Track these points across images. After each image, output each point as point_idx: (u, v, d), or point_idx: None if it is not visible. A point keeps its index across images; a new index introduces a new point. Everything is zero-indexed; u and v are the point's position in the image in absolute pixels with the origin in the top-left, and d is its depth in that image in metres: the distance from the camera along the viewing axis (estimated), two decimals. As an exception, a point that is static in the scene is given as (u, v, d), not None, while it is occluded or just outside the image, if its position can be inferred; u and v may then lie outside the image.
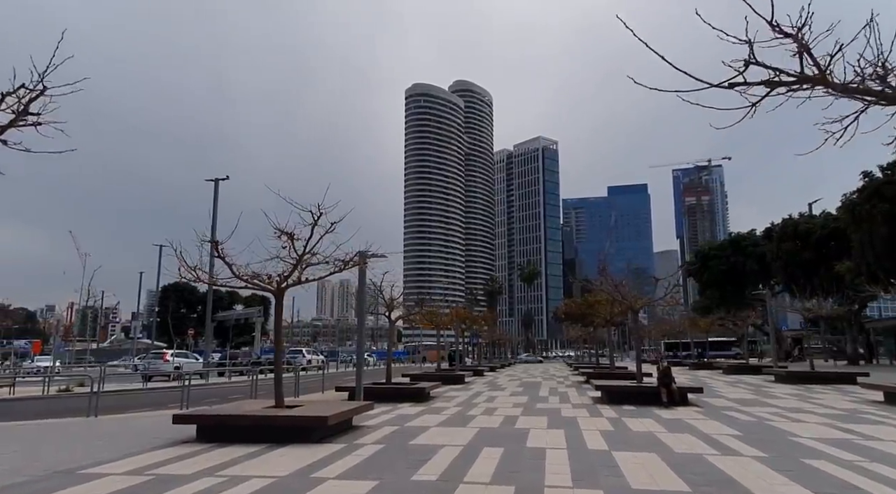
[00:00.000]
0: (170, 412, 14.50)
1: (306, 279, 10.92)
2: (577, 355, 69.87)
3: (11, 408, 17.13)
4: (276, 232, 9.85)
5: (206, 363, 31.00)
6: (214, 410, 9.75)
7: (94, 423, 12.02)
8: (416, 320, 22.55)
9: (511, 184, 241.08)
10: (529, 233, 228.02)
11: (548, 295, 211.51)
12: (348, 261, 10.99)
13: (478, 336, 39.78)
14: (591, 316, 24.64)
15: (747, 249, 52.30)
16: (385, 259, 14.92)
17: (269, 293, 10.82)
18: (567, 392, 19.22)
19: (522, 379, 26.83)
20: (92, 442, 9.40)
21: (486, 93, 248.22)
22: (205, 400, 18.44)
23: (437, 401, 16.00)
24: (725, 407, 14.28)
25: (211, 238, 13.44)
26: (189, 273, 10.22)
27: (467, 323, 28.28)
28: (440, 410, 13.77)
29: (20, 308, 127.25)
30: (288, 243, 10.07)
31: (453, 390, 20.13)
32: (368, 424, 11.24)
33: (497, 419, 12.07)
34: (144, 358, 32.58)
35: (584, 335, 42.23)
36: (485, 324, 32.98)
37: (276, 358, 10.84)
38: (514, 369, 41.71)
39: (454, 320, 24.84)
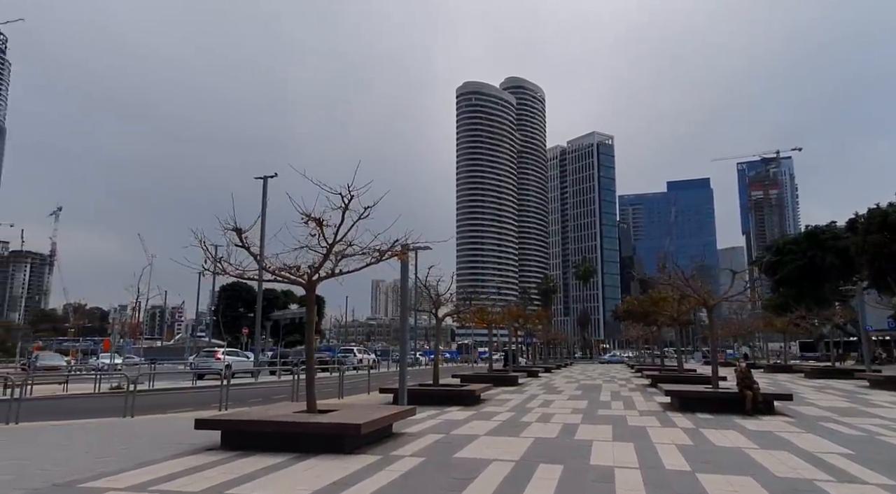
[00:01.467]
0: (207, 413, 13.91)
1: (340, 271, 9.93)
2: (636, 356, 66.92)
3: (55, 406, 17.04)
4: (304, 217, 8.88)
5: (256, 361, 30.85)
6: (237, 415, 8.90)
7: (124, 425, 11.44)
8: (467, 318, 21.39)
9: (565, 180, 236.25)
10: (584, 231, 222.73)
11: (604, 294, 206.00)
12: (385, 252, 9.91)
13: (532, 335, 38.28)
14: (654, 314, 22.80)
15: (826, 243, 48.32)
16: (430, 250, 13.81)
17: (300, 286, 9.90)
18: (631, 396, 17.59)
19: (580, 381, 25.22)
20: (109, 448, 8.69)
21: (538, 90, 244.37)
22: (249, 400, 17.90)
23: (487, 405, 14.78)
24: (820, 418, 12.39)
25: (261, 238, 12.71)
26: (216, 265, 9.40)
27: (520, 321, 26.88)
28: (491, 415, 12.54)
29: (95, 307, 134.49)
30: (317, 230, 9.08)
31: (506, 392, 18.85)
32: (410, 431, 10.15)
33: (554, 427, 10.73)
34: (198, 357, 32.84)
35: (645, 334, 39.94)
36: (539, 323, 31.48)
37: (308, 357, 9.90)
38: (570, 370, 39.91)
39: (506, 318, 23.53)
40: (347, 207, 8.87)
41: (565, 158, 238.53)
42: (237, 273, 9.83)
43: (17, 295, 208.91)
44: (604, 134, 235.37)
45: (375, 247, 9.81)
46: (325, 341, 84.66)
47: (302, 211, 8.86)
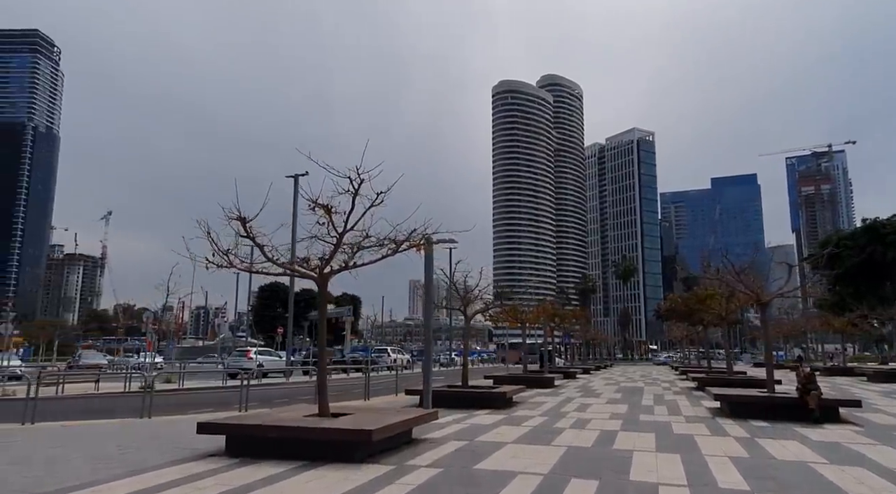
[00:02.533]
0: (223, 413, 13.42)
1: (354, 264, 9.20)
2: (681, 357, 64.44)
3: (79, 405, 16.89)
4: (310, 204, 8.17)
5: (288, 361, 30.62)
6: (241, 418, 8.27)
7: (137, 427, 10.99)
8: (499, 316, 20.45)
9: (604, 178, 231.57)
10: (624, 230, 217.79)
11: (645, 294, 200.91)
12: (402, 243, 9.13)
13: (570, 335, 37.02)
14: (700, 312, 21.34)
15: (887, 237, 45.25)
16: (457, 245, 12.99)
17: (311, 280, 9.21)
18: (676, 400, 16.34)
19: (621, 384, 23.94)
20: (109, 452, 8.17)
21: (575, 87, 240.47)
22: (274, 401, 17.44)
23: (519, 409, 13.84)
24: (895, 427, 11.01)
25: (293, 241, 12.15)
26: (221, 258, 8.78)
27: (556, 320, 25.75)
28: (521, 420, 11.62)
29: (142, 308, 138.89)
30: (325, 218, 8.37)
31: (540, 395, 17.86)
32: (432, 437, 9.34)
33: (590, 435, 9.74)
34: (231, 356, 32.88)
35: (690, 334, 38.13)
36: (576, 323, 30.17)
37: (320, 358, 9.20)
38: (610, 371, 38.44)
39: (541, 316, 22.47)
40: (357, 192, 8.13)
41: (604, 156, 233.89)
42: (245, 266, 9.21)
43: (71, 297, 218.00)
44: (644, 130, 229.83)
45: (391, 238, 9.04)
46: (363, 341, 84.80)
47: (308, 197, 8.16)
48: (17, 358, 33.40)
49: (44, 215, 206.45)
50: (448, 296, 16.25)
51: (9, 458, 7.71)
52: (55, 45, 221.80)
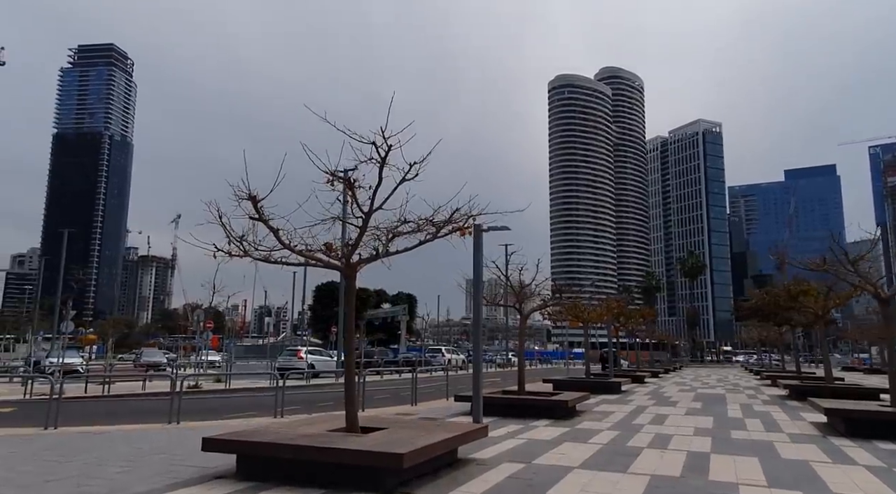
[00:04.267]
0: (258, 420, 12.33)
1: (386, 250, 7.77)
2: (755, 360, 60.07)
3: (112, 407, 16.33)
4: (328, 176, 6.79)
5: (338, 361, 29.76)
6: (251, 434, 6.99)
7: (153, 435, 9.99)
8: (559, 315, 18.65)
9: (667, 172, 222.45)
10: (689, 225, 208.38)
11: (713, 293, 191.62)
12: (443, 225, 7.63)
13: (634, 335, 34.55)
14: (790, 311, 18.73)
15: None
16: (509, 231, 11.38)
17: (336, 270, 7.85)
18: (769, 412, 14.09)
19: (697, 390, 21.58)
20: (106, 470, 7.06)
21: (635, 79, 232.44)
22: (318, 404, 16.35)
23: (583, 420, 12.08)
24: None
25: (342, 241, 10.71)
26: (235, 245, 7.53)
27: (622, 319, 23.62)
28: (588, 435, 9.89)
29: (209, 307, 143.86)
30: (348, 194, 6.97)
31: (606, 402, 15.96)
32: (481, 457, 7.81)
33: (676, 458, 7.93)
34: (282, 356, 32.42)
35: (771, 336, 34.81)
36: (643, 322, 27.84)
37: (347, 362, 7.83)
38: (680, 374, 35.66)
39: (605, 315, 20.48)
40: (385, 161, 6.68)
41: (667, 149, 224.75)
42: (262, 255, 7.91)
43: (145, 297, 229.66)
44: (710, 121, 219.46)
45: (430, 219, 7.55)
46: (419, 341, 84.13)
47: (326, 168, 6.77)
48: (77, 354, 34.22)
49: (119, 219, 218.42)
50: (503, 292, 14.61)
51: (-9, 475, 6.71)
52: (128, 57, 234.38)
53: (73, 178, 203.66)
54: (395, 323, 60.20)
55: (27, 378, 18.37)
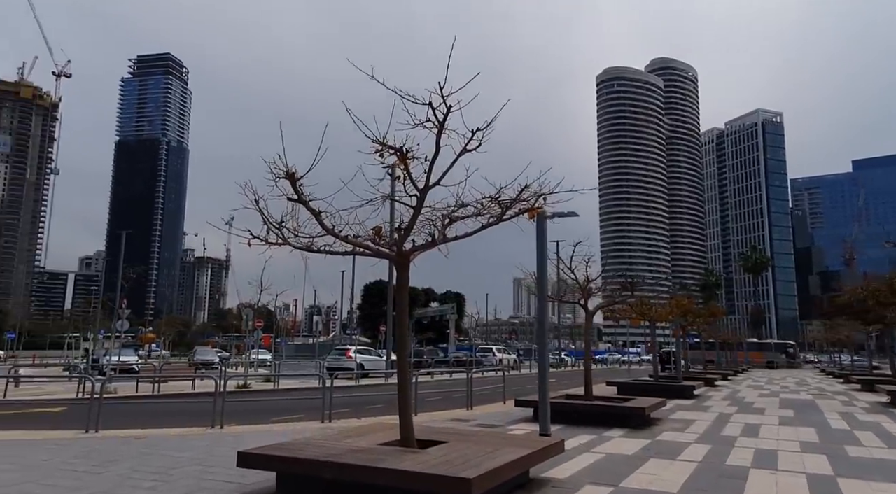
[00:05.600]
0: (310, 424, 11.55)
1: (443, 236, 6.72)
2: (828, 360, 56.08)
3: (161, 407, 15.89)
4: (377, 146, 5.79)
5: (388, 361, 29.03)
6: (291, 449, 6.07)
7: (192, 441, 9.28)
8: (624, 312, 17.22)
9: (723, 165, 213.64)
10: (748, 220, 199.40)
11: (776, 290, 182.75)
12: (511, 204, 6.53)
13: (698, 335, 32.45)
14: (891, 306, 16.63)
15: None
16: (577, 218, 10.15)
17: (387, 259, 6.86)
18: (878, 422, 12.31)
19: (780, 395, 19.65)
20: (134, 485, 6.29)
21: (688, 69, 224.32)
22: (367, 407, 15.52)
23: (663, 429, 10.72)
24: None
25: (390, 226, 9.84)
26: (274, 232, 6.63)
27: (689, 317, 21.90)
28: (674, 450, 8.57)
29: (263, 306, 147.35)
30: (400, 168, 5.95)
31: (682, 408, 14.46)
32: (556, 476, 6.67)
33: (794, 482, 6.56)
34: (331, 355, 31.97)
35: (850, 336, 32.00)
36: (712, 320, 25.87)
37: (400, 364, 6.82)
38: (751, 377, 33.30)
39: (674, 313, 18.88)
40: (443, 126, 5.61)
41: (723, 141, 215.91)
42: (303, 243, 6.97)
43: (201, 297, 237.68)
44: (770, 111, 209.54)
45: (496, 197, 6.46)
46: (467, 340, 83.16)
47: (374, 137, 5.76)
48: (133, 353, 34.85)
49: (177, 222, 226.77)
50: (562, 288, 13.34)
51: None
52: (183, 65, 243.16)
53: (134, 184, 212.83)
54: (444, 322, 59.39)
55: (79, 377, 18.29)
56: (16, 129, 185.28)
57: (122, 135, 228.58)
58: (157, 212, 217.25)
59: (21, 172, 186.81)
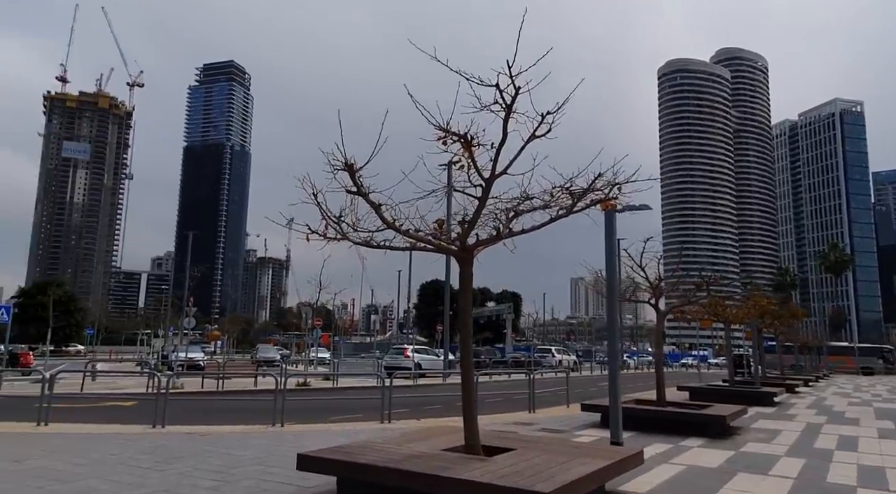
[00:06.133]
0: (369, 425, 11.35)
1: (509, 230, 6.30)
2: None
3: (223, 405, 16.13)
4: (439, 131, 5.41)
5: (445, 361, 28.76)
6: (350, 453, 5.78)
7: (253, 439, 9.21)
8: (695, 313, 16.21)
9: (797, 159, 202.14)
10: (826, 217, 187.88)
11: (857, 291, 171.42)
12: (583, 194, 6.03)
13: (775, 337, 30.53)
14: None
15: None
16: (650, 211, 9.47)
17: (450, 254, 6.47)
18: None
19: (871, 403, 18.08)
20: (194, 483, 6.17)
21: (757, 59, 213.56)
22: (425, 408, 15.28)
23: (746, 440, 9.88)
24: None
25: (447, 219, 9.55)
26: (332, 227, 6.38)
27: (766, 318, 20.46)
28: (764, 464, 7.79)
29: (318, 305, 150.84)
30: (463, 155, 5.55)
31: (763, 416, 13.43)
32: (632, 490, 6.11)
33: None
34: (388, 354, 31.99)
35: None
36: (792, 321, 24.15)
37: (464, 364, 6.43)
38: (836, 383, 31.11)
39: (751, 314, 17.59)
40: (511, 109, 5.19)
41: (797, 133, 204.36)
42: (362, 238, 6.68)
43: (263, 296, 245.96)
44: (849, 100, 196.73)
45: (566, 187, 5.97)
46: (524, 340, 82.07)
47: (436, 123, 5.39)
48: (200, 350, 36.05)
49: (240, 223, 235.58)
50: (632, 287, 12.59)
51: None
52: (246, 72, 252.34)
53: (200, 187, 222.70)
54: (501, 322, 58.75)
55: (149, 373, 18.90)
56: (94, 138, 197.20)
57: (190, 141, 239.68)
58: (221, 214, 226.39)
59: (99, 178, 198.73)
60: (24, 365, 26.17)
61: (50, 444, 8.46)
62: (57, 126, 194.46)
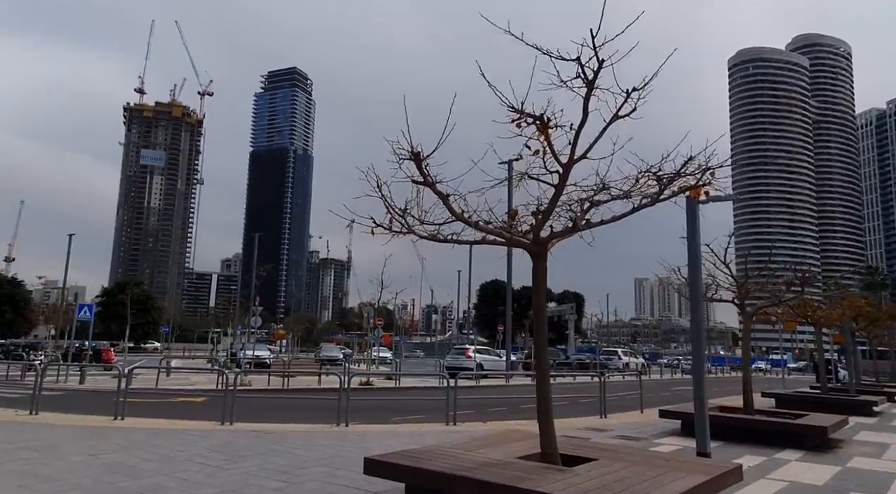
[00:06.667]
0: (434, 426, 11.05)
1: (587, 221, 5.80)
2: None
3: (288, 403, 16.23)
4: (512, 115, 4.98)
5: (508, 362, 28.18)
6: (419, 458, 5.42)
7: (317, 439, 9.05)
8: (781, 315, 14.97)
9: (885, 150, 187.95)
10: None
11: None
12: (672, 179, 5.45)
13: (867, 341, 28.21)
14: None
15: None
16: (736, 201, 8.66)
17: (522, 248, 6.02)
18: None
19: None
20: (261, 484, 6.01)
21: (839, 44, 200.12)
22: (490, 410, 14.87)
23: (851, 454, 8.91)
24: None
25: (508, 210, 9.14)
26: (397, 220, 6.06)
27: (861, 320, 18.76)
28: (880, 483, 6.92)
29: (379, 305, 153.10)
30: (539, 140, 5.10)
31: (864, 427, 12.22)
32: (731, 510, 5.46)
33: None
34: (449, 354, 31.72)
35: None
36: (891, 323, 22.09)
37: (540, 365, 5.99)
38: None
39: (846, 315, 16.08)
40: (594, 83, 4.69)
41: (884, 123, 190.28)
42: (428, 232, 6.31)
43: (326, 296, 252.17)
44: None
45: (654, 171, 5.42)
46: (586, 342, 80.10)
47: (509, 104, 4.96)
48: (266, 348, 36.98)
49: (303, 225, 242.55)
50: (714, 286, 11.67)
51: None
52: (308, 77, 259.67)
53: (266, 190, 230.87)
54: (563, 323, 57.45)
55: (218, 370, 19.39)
56: (169, 145, 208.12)
57: (255, 146, 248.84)
58: (285, 217, 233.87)
59: (173, 184, 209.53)
60: (105, 360, 27.56)
61: (124, 439, 8.62)
62: (135, 135, 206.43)
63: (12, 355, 32.50)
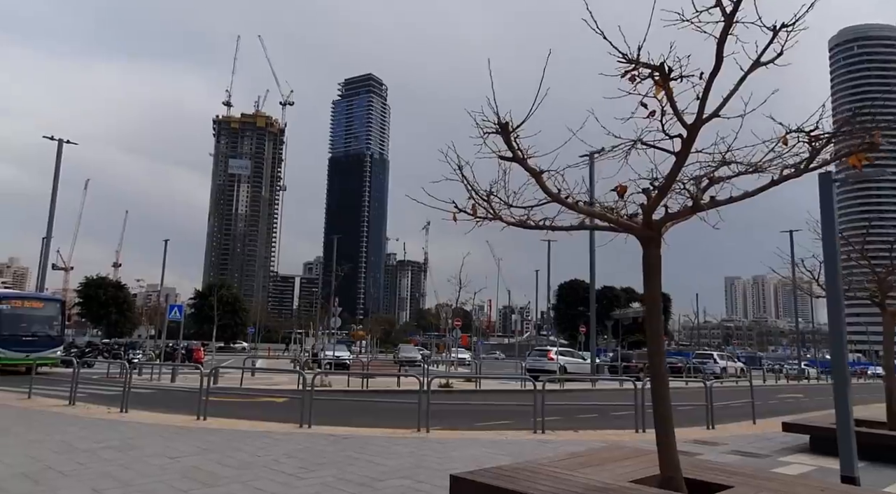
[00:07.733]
0: (520, 434, 10.23)
1: (711, 198, 4.86)
2: None
3: (367, 406, 15.85)
4: (624, 65, 4.09)
5: (593, 364, 26.73)
6: (515, 478, 4.63)
7: (397, 447, 8.43)
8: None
9: None
10: None
11: None
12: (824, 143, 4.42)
13: None
14: None
15: None
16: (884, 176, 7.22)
17: (631, 233, 5.11)
18: None
19: None
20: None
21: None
22: (578, 416, 13.84)
23: None
24: None
25: (590, 188, 8.38)
26: (481, 205, 5.32)
27: None
28: None
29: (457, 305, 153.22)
30: (657, 97, 4.19)
31: None
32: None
33: None
34: (530, 355, 30.62)
35: None
36: None
37: (654, 372, 5.06)
38: None
39: None
40: (733, 16, 3.75)
41: None
42: (517, 219, 5.50)
43: (403, 297, 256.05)
44: None
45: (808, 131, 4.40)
46: (674, 344, 76.16)
47: (622, 54, 4.08)
48: (346, 349, 37.33)
49: (380, 228, 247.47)
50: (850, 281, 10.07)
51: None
52: (382, 83, 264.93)
53: (344, 195, 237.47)
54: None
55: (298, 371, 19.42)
56: (254, 154, 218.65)
57: (334, 152, 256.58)
58: (363, 220, 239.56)
59: (258, 191, 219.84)
60: (196, 360, 28.64)
61: (204, 440, 8.43)
62: (224, 145, 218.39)
63: (112, 353, 34.57)
